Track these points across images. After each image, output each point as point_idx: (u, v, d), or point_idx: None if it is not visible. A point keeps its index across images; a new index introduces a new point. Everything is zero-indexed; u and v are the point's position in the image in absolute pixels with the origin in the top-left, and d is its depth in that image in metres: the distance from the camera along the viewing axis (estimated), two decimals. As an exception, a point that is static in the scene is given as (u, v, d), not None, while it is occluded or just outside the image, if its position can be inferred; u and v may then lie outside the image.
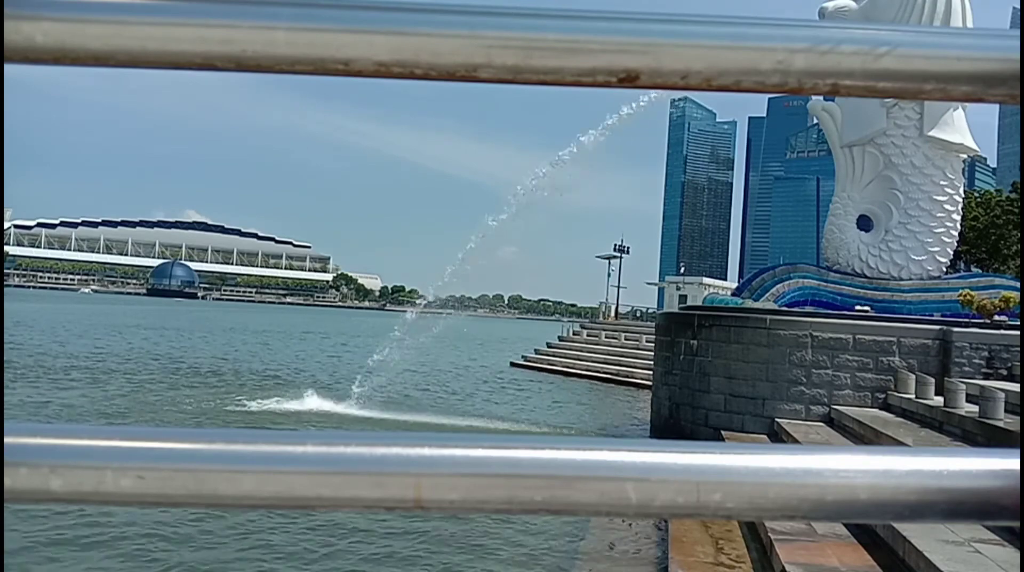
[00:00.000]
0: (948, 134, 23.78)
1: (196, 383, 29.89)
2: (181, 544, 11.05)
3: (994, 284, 24.85)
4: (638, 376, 37.91)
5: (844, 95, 0.65)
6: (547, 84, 0.63)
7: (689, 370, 20.88)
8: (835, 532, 9.85)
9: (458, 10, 0.62)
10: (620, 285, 69.44)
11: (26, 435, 0.62)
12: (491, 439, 0.64)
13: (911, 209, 24.27)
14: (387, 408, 24.90)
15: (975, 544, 8.28)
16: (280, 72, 0.63)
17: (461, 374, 41.66)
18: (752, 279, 26.88)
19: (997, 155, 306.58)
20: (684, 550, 10.52)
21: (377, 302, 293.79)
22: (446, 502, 0.62)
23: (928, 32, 0.64)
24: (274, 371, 37.08)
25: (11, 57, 0.60)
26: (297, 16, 0.61)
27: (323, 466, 0.62)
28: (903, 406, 17.30)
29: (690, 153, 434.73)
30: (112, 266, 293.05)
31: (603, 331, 50.89)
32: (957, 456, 0.64)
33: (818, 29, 0.63)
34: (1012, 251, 49.11)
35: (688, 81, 0.63)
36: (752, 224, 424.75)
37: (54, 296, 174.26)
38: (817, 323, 19.60)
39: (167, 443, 0.63)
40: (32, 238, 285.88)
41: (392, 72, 0.62)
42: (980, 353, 18.75)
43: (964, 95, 0.64)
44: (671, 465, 0.63)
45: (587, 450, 0.64)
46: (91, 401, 23.36)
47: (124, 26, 0.60)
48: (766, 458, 0.63)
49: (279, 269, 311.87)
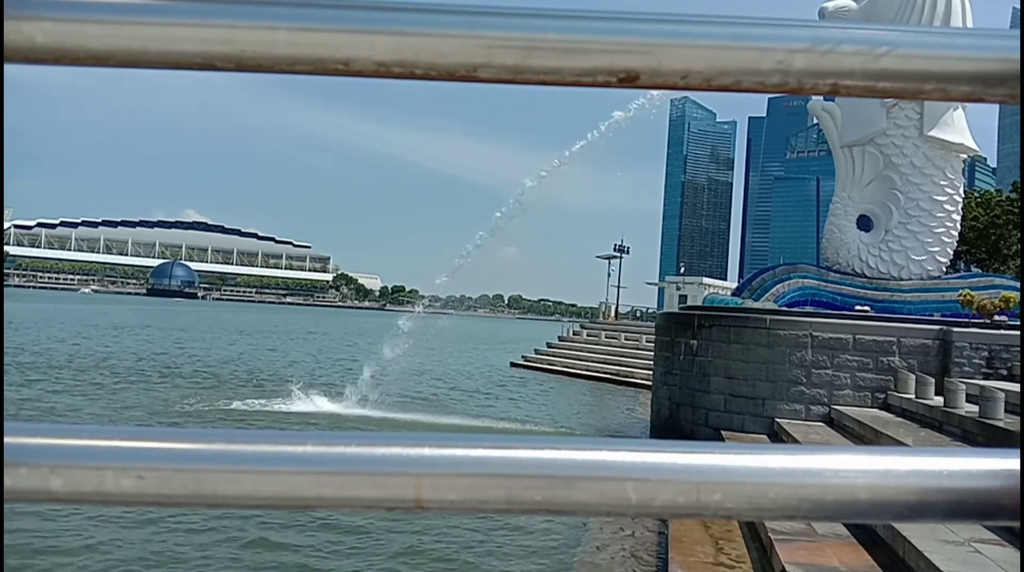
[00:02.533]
0: (948, 134, 23.77)
1: (201, 384, 29.89)
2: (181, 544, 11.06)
3: (994, 284, 24.84)
4: (638, 376, 37.91)
5: (844, 95, 0.65)
6: (547, 84, 0.63)
7: (689, 370, 20.87)
8: (835, 532, 9.85)
9: (458, 10, 0.62)
10: (620, 285, 69.49)
11: (26, 435, 0.62)
12: (491, 439, 0.64)
13: (911, 209, 24.26)
14: (387, 408, 24.91)
15: (975, 544, 8.28)
16: (280, 72, 0.63)
17: (461, 374, 41.65)
18: (752, 279, 26.88)
19: (997, 155, 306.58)
20: (684, 550, 10.52)
21: (377, 302, 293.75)
22: (446, 502, 0.62)
23: (928, 32, 0.64)
24: (278, 372, 37.09)
25: (11, 57, 0.60)
26: (297, 16, 0.61)
27: (323, 466, 0.62)
28: (903, 406, 17.29)
29: (690, 153, 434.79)
30: (112, 266, 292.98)
31: (603, 331, 50.88)
32: (957, 456, 0.64)
33: (818, 29, 0.63)
34: (1012, 251, 49.09)
35: (688, 81, 0.63)
36: (752, 224, 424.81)
37: (54, 296, 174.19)
38: (817, 323, 19.60)
39: (167, 443, 0.63)
40: (32, 238, 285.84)
41: (392, 72, 0.62)
42: (980, 353, 18.75)
43: (964, 95, 0.64)
44: (671, 465, 0.63)
45: (587, 450, 0.64)
46: (100, 408, 23.33)
47: (124, 26, 0.60)
48: (766, 458, 0.63)
49: (279, 269, 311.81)
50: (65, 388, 25.83)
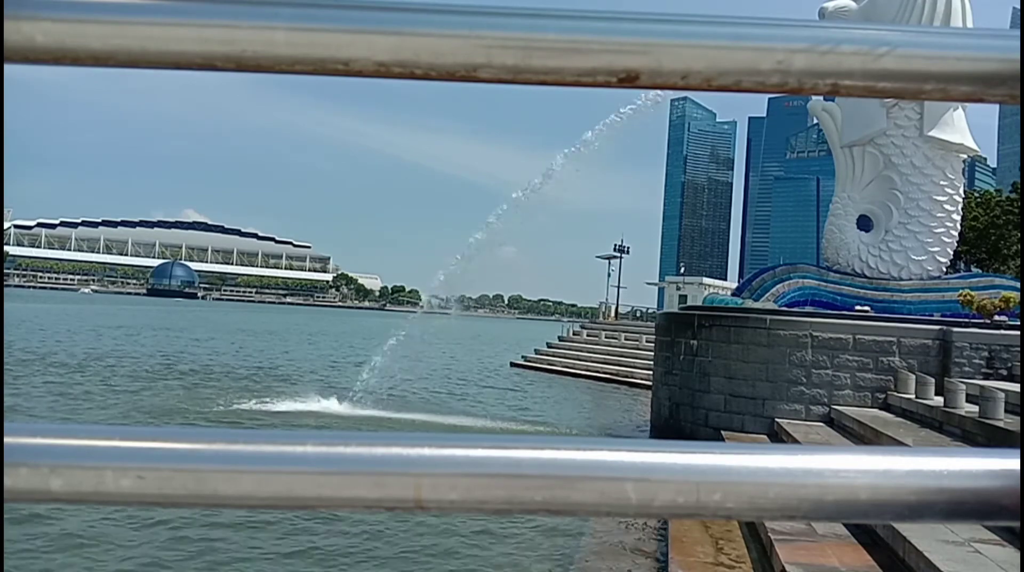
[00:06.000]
0: (948, 134, 23.78)
1: (200, 384, 29.91)
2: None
3: (994, 284, 24.85)
4: (638, 376, 37.90)
5: (844, 95, 0.65)
6: (547, 84, 0.63)
7: (689, 370, 20.87)
8: (835, 532, 9.85)
9: (458, 10, 0.62)
10: (620, 285, 69.52)
11: (26, 435, 0.62)
12: (491, 439, 0.64)
13: (911, 209, 24.27)
14: (387, 408, 24.90)
15: (975, 544, 8.28)
16: (280, 72, 0.63)
17: (461, 374, 41.64)
18: (752, 279, 26.88)
19: (997, 155, 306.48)
20: (684, 550, 10.52)
21: (377, 302, 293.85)
22: (446, 502, 0.62)
23: (928, 32, 0.64)
24: (282, 372, 37.10)
25: (11, 57, 0.60)
26: (297, 16, 0.61)
27: (323, 466, 0.62)
28: (903, 406, 17.29)
29: (690, 153, 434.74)
30: (112, 266, 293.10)
31: (603, 331, 50.88)
32: (957, 456, 0.64)
33: (818, 29, 0.63)
34: (1012, 251, 49.10)
35: (688, 81, 0.63)
36: (752, 224, 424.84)
37: (54, 296, 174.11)
38: (817, 323, 19.60)
39: (167, 443, 0.63)
40: (32, 238, 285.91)
41: (392, 72, 0.62)
42: (980, 353, 18.75)
43: (964, 95, 0.64)
44: (671, 465, 0.63)
45: (587, 450, 0.64)
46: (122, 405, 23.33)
47: (124, 26, 0.60)
48: (766, 458, 0.63)
49: (279, 269, 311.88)
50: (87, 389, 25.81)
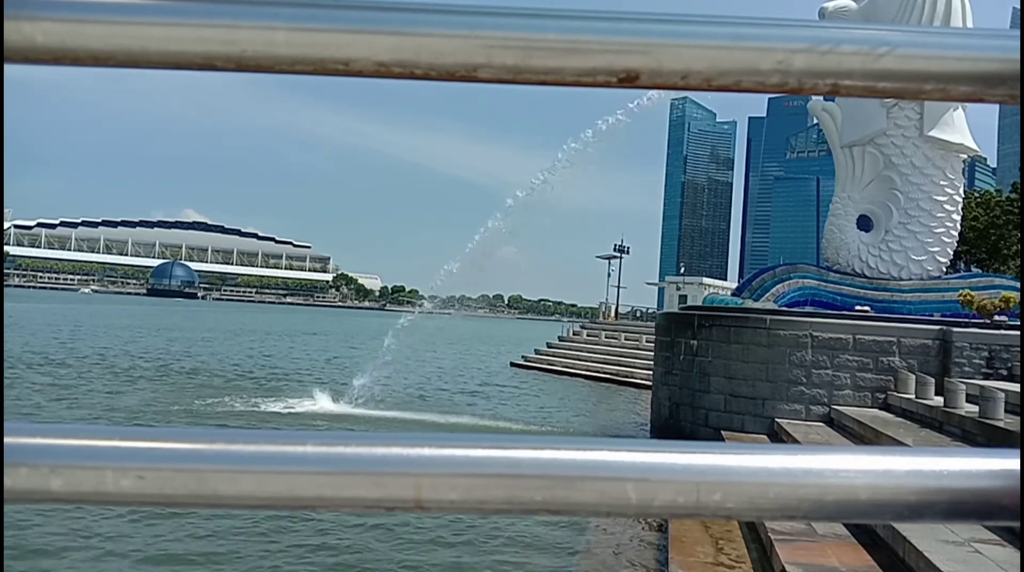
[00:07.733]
0: (948, 134, 23.78)
1: (201, 385, 29.91)
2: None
3: (994, 284, 24.85)
4: (638, 376, 37.90)
5: (844, 95, 0.65)
6: (547, 84, 0.63)
7: (689, 370, 20.87)
8: (835, 532, 9.85)
9: (458, 10, 0.62)
10: (620, 285, 69.51)
11: (26, 435, 0.62)
12: (491, 439, 0.64)
13: (911, 209, 24.27)
14: (387, 408, 24.91)
15: (975, 544, 8.28)
16: (280, 72, 0.63)
17: (461, 374, 41.64)
18: (752, 279, 26.87)
19: (997, 155, 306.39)
20: (684, 550, 10.52)
21: (377, 302, 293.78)
22: (446, 502, 0.62)
23: (928, 32, 0.64)
24: (282, 372, 37.11)
25: (11, 57, 0.60)
26: (297, 16, 0.61)
27: (323, 466, 0.62)
28: (903, 406, 17.29)
29: (690, 153, 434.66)
30: (112, 266, 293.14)
31: (603, 331, 50.88)
32: (957, 456, 0.63)
33: (818, 29, 0.63)
34: (1012, 251, 49.09)
35: (688, 81, 0.63)
36: (752, 224, 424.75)
37: (54, 296, 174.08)
38: (817, 323, 19.60)
39: (167, 443, 0.63)
40: (32, 238, 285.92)
41: (392, 72, 0.62)
42: (980, 353, 18.75)
43: (964, 95, 0.64)
44: (671, 465, 0.63)
45: (587, 450, 0.64)
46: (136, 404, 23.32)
47: (124, 26, 0.60)
48: (766, 458, 0.63)
49: (279, 269, 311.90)
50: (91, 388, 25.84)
